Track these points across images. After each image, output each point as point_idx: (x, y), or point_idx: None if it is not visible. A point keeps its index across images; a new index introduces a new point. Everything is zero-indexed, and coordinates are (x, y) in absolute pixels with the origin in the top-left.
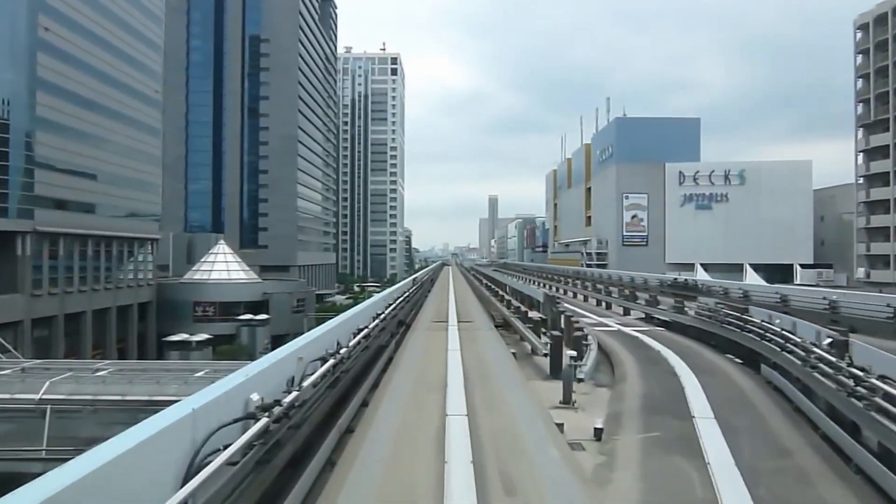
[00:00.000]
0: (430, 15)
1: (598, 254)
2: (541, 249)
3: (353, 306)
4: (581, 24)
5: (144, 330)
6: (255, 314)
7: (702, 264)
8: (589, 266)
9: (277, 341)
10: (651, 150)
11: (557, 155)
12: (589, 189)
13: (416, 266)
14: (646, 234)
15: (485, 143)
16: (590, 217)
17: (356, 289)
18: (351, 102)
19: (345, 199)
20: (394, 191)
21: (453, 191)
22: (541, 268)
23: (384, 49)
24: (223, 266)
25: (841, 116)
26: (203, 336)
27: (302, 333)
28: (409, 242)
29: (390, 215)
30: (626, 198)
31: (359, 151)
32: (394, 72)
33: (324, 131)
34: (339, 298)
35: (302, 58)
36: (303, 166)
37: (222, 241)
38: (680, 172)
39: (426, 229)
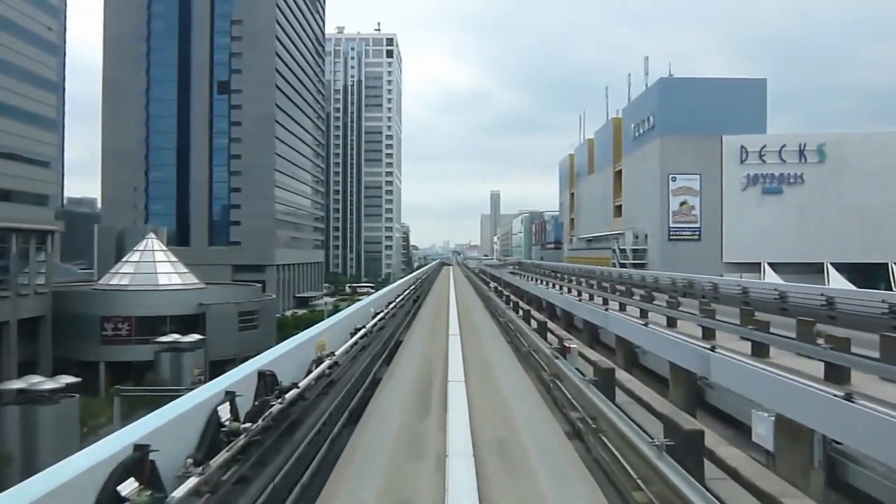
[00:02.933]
0: (430, 13)
1: (634, 251)
2: (552, 246)
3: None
4: (582, 23)
5: (34, 355)
6: (190, 331)
7: (769, 264)
8: (623, 266)
9: (217, 369)
10: (704, 118)
11: (560, 154)
12: (619, 172)
13: (415, 264)
14: (698, 225)
15: (485, 142)
16: (620, 206)
17: (347, 290)
18: (343, 87)
19: (336, 193)
20: (389, 183)
21: (454, 189)
22: (587, 270)
23: (379, 29)
24: (149, 267)
25: (843, 113)
26: (58, 381)
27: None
28: (406, 239)
29: (386, 209)
30: (674, 180)
31: (351, 140)
32: (389, 54)
33: (310, 115)
34: (328, 301)
35: (280, 26)
36: (283, 151)
37: (152, 234)
38: (742, 147)
39: (426, 228)
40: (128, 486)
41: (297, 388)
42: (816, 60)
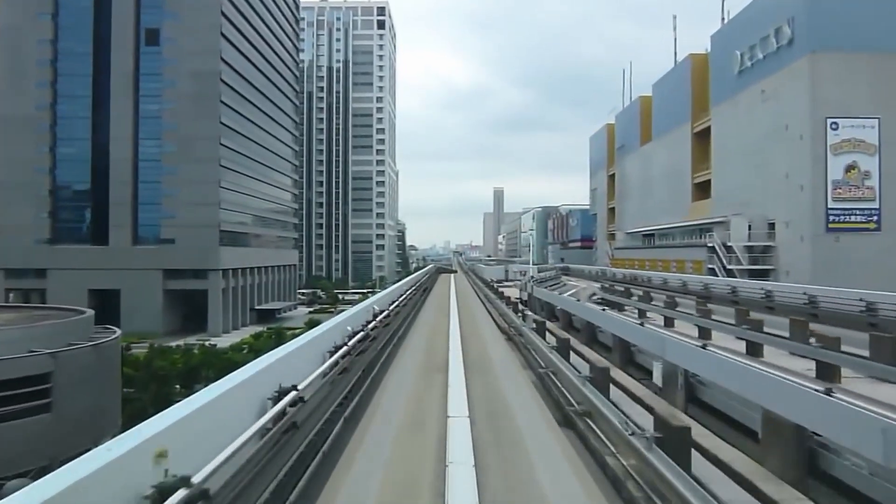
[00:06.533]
0: (430, 9)
1: (748, 248)
2: (578, 245)
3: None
4: (585, 19)
5: None
6: None
7: None
8: (730, 273)
9: None
10: (885, 25)
11: (561, 153)
12: (701, 133)
13: (412, 266)
14: (876, 205)
15: (487, 140)
16: (704, 183)
17: (326, 297)
18: (327, 63)
19: (320, 184)
20: (381, 173)
21: (455, 188)
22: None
23: None
24: None
25: None
26: None
27: None
28: (402, 238)
29: (377, 203)
30: (834, 128)
31: (337, 124)
32: (381, 25)
33: (279, 85)
34: (301, 312)
35: None
36: (236, 123)
37: None
38: None
39: (426, 228)
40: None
41: None
42: None
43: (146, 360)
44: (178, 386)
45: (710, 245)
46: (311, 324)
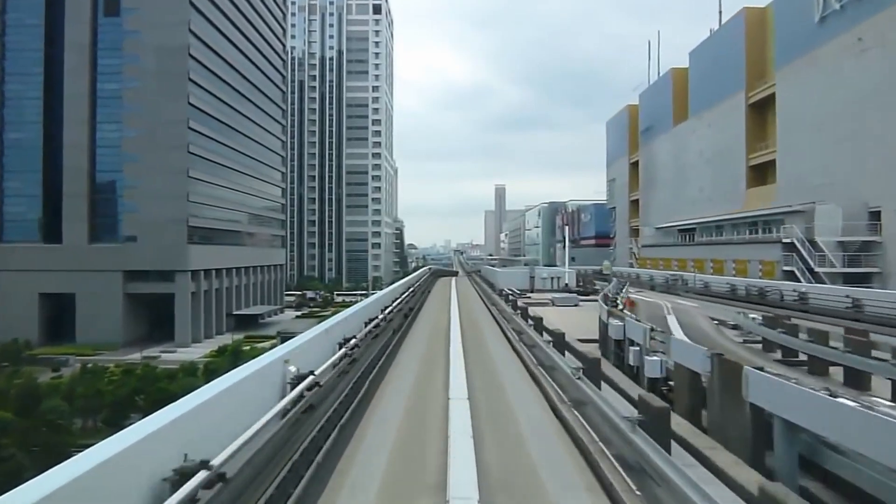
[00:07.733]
0: (430, 8)
1: (843, 245)
2: (592, 243)
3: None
4: (586, 15)
5: None
6: None
7: None
8: (814, 277)
9: None
10: None
11: (562, 151)
12: (758, 104)
13: (411, 265)
14: None
15: (487, 139)
16: (767, 164)
17: (320, 299)
18: (320, 51)
19: (312, 179)
20: (377, 167)
21: (454, 187)
22: None
23: None
24: None
25: None
26: None
27: None
28: (400, 237)
29: (373, 199)
30: None
31: (331, 115)
32: (376, 10)
33: (258, 62)
34: (287, 316)
35: None
36: (205, 104)
37: None
38: None
39: (427, 227)
40: None
41: None
42: None
43: (67, 389)
44: (99, 422)
45: (785, 241)
46: (282, 338)
